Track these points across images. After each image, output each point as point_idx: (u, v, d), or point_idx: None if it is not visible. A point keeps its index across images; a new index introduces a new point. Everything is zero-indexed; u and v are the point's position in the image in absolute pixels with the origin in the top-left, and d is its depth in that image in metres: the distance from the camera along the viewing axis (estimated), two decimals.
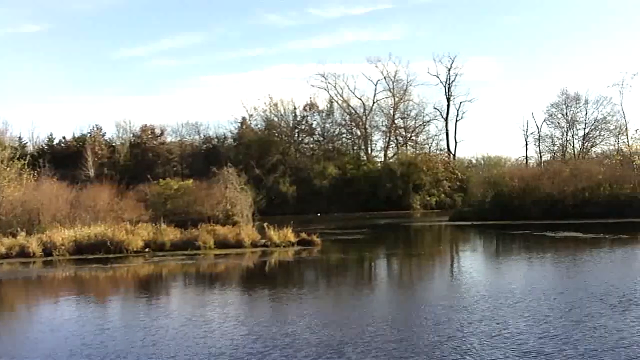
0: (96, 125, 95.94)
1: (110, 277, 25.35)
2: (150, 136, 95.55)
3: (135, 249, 31.48)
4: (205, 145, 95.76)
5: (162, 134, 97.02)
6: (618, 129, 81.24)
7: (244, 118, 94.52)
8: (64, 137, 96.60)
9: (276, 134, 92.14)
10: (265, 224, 35.18)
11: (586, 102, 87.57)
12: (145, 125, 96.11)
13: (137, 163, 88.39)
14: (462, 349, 11.63)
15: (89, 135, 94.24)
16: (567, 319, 13.78)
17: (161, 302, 19.17)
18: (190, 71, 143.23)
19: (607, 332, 12.48)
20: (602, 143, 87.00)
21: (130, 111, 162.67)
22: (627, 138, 70.42)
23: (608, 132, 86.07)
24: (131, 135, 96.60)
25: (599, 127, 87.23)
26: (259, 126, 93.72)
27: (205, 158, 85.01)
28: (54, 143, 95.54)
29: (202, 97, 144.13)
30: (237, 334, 13.48)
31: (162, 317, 15.86)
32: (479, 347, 11.64)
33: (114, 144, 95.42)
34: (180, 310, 17.02)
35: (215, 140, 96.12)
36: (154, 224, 36.02)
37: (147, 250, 31.89)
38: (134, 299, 20.24)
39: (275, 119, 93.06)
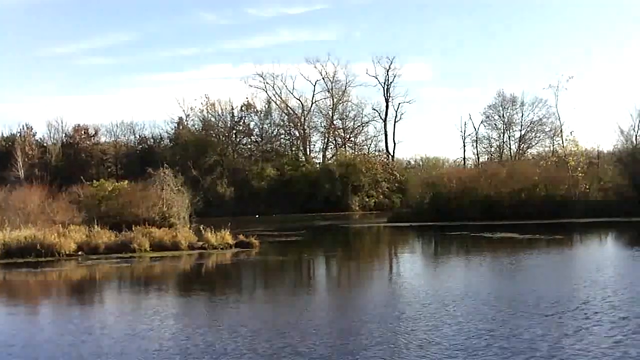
0: (26, 125, 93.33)
1: (40, 282, 24.49)
2: (83, 136, 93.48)
3: (67, 252, 30.50)
4: (140, 146, 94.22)
5: (95, 134, 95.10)
6: (553, 130, 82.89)
7: (180, 118, 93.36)
8: None
9: (213, 135, 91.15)
10: (202, 226, 34.70)
11: (522, 104, 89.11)
12: (79, 125, 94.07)
13: (70, 164, 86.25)
14: None
15: (18, 135, 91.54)
16: (482, 328, 13.53)
17: (87, 312, 18.28)
18: (125, 70, 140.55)
19: (518, 342, 12.31)
20: (537, 144, 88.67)
21: (62, 110, 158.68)
22: (562, 140, 71.93)
23: (543, 134, 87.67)
24: (63, 135, 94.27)
25: (535, 128, 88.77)
26: (195, 126, 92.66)
27: (140, 159, 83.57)
28: None
29: (137, 96, 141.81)
30: (151, 348, 12.77)
31: (81, 329, 14.82)
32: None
33: (45, 144, 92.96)
34: (104, 321, 16.07)
35: (151, 140, 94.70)
36: (87, 227, 35.03)
37: (80, 253, 30.95)
38: (59, 308, 19.41)
39: (213, 119, 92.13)
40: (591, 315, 14.60)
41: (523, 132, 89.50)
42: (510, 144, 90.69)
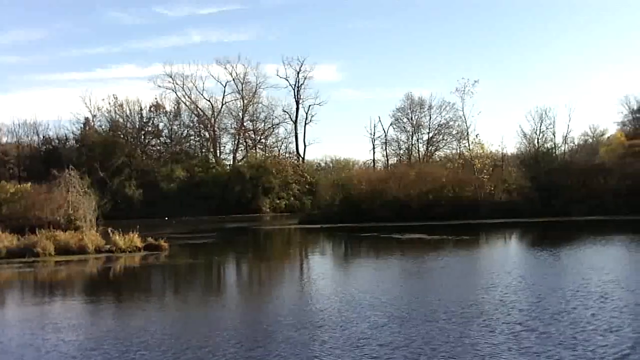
0: None
1: None
2: None
3: None
4: (44, 147, 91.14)
5: None
6: (460, 133, 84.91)
7: (87, 118, 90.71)
8: None
9: (121, 136, 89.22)
10: (110, 229, 33.92)
11: (430, 107, 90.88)
12: None
13: None
14: None
15: None
16: (368, 337, 13.43)
17: None
18: (29, 68, 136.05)
19: (397, 351, 12.25)
20: (445, 147, 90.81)
21: None
22: (468, 143, 74.17)
23: (451, 137, 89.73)
24: None
25: (442, 131, 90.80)
26: (103, 127, 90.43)
27: (45, 160, 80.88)
28: None
29: (42, 96, 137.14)
30: None
31: None
32: None
33: None
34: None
35: (56, 141, 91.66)
36: None
37: None
38: None
39: (121, 119, 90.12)
40: (480, 319, 14.74)
41: (431, 135, 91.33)
42: (418, 147, 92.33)
